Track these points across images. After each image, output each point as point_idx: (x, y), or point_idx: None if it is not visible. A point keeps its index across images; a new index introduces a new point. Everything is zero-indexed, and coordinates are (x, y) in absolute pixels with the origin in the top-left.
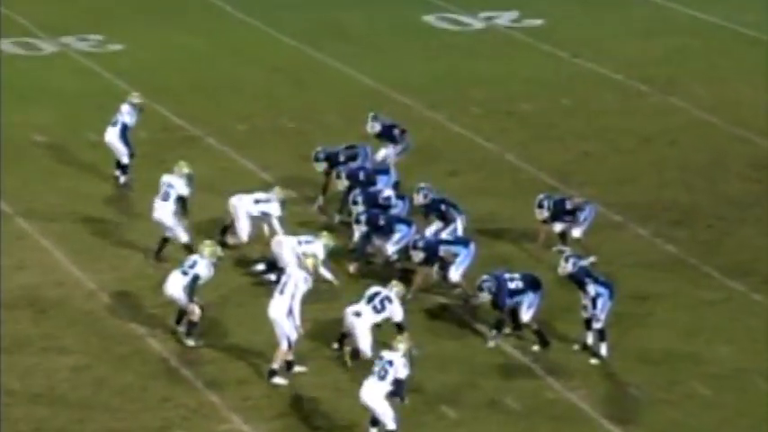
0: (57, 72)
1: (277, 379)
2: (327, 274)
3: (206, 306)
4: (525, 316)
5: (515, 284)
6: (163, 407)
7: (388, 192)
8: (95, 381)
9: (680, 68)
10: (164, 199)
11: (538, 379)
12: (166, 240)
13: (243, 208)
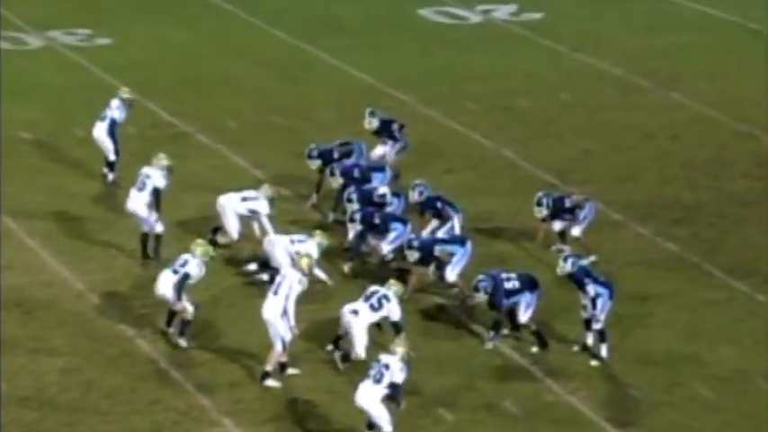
0: (43, 67)
1: (270, 381)
2: (321, 274)
3: (197, 306)
4: (523, 317)
5: (512, 284)
6: (152, 410)
7: (384, 189)
8: (84, 383)
9: (682, 63)
10: (139, 189)
11: (537, 381)
12: (147, 236)
13: (230, 206)
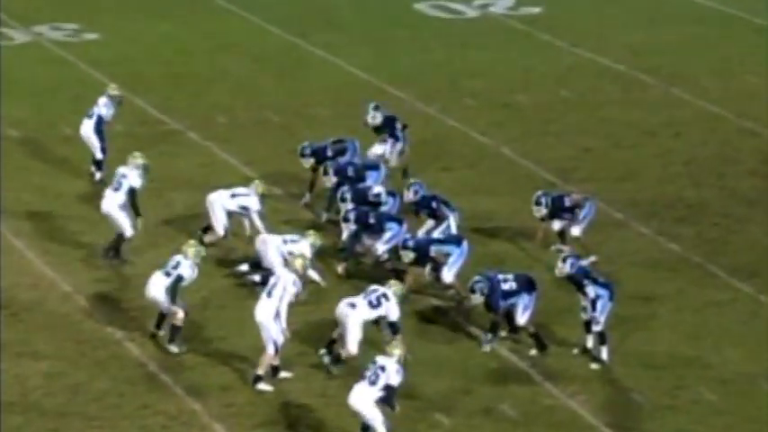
0: (29, 63)
1: (262, 385)
2: (314, 275)
3: (187, 312)
4: (521, 319)
5: (509, 285)
6: (141, 414)
7: (378, 188)
8: (71, 387)
9: (685, 58)
10: (115, 189)
11: (535, 385)
12: (121, 237)
13: (219, 202)
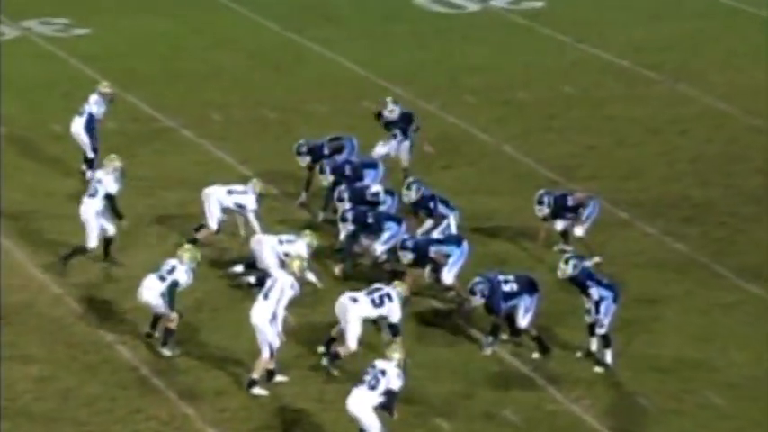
0: (18, 58)
1: (257, 389)
2: (311, 277)
3: (181, 314)
4: (523, 321)
5: (510, 287)
6: (133, 419)
7: (377, 187)
8: (61, 392)
9: (691, 54)
10: (91, 195)
11: (538, 389)
12: (109, 241)
13: (215, 197)
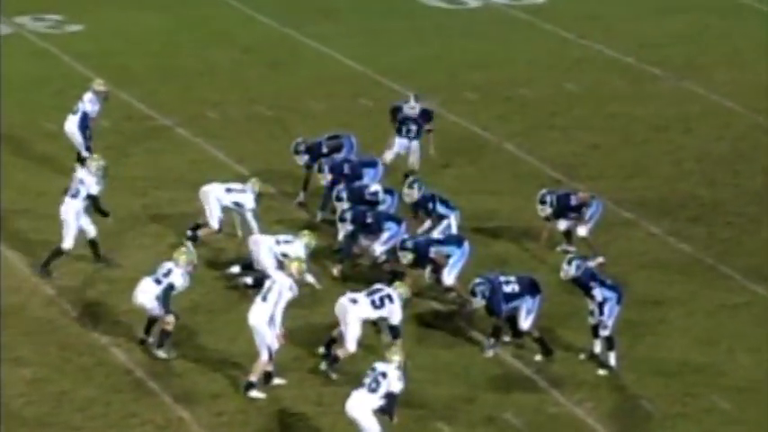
0: (10, 55)
1: (254, 392)
2: (309, 278)
3: (178, 316)
4: (525, 323)
5: (511, 288)
6: (128, 423)
7: (376, 186)
8: (54, 395)
9: (697, 50)
10: (73, 196)
11: (540, 392)
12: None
13: (213, 195)
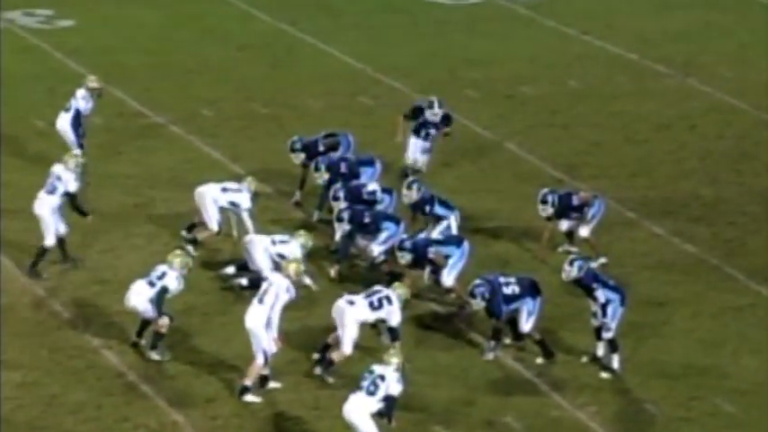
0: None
1: (249, 396)
2: (306, 279)
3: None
4: (526, 325)
5: (511, 289)
6: (121, 427)
7: (373, 186)
8: (45, 399)
9: (701, 47)
10: (49, 192)
11: (541, 395)
12: (62, 241)
13: (209, 196)
